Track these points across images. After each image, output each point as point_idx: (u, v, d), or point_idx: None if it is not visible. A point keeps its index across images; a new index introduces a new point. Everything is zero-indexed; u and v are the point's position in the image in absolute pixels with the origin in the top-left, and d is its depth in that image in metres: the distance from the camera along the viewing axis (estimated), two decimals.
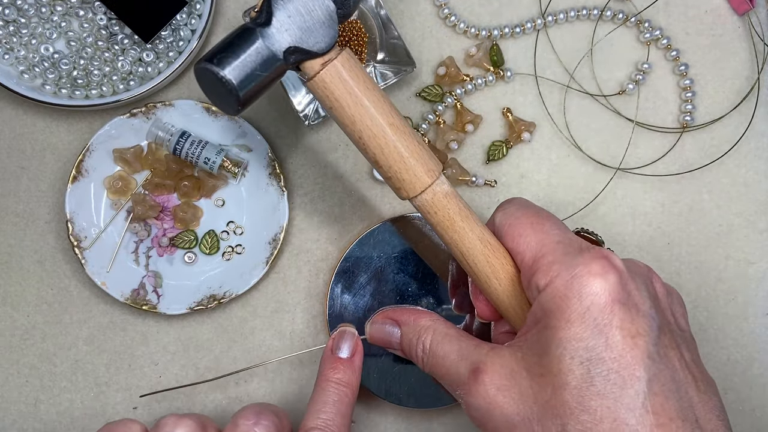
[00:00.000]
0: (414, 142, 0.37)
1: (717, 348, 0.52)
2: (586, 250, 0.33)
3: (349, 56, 0.36)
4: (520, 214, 0.36)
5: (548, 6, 0.53)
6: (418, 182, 0.37)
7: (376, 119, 0.36)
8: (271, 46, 0.35)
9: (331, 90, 0.35)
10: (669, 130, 0.53)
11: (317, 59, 0.35)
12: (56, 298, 0.51)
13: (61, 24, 0.51)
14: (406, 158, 0.36)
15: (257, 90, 0.35)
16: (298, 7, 0.35)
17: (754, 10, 0.53)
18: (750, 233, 0.52)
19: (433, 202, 0.37)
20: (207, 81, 0.35)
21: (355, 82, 0.36)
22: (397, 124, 0.36)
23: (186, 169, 0.51)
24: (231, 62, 0.34)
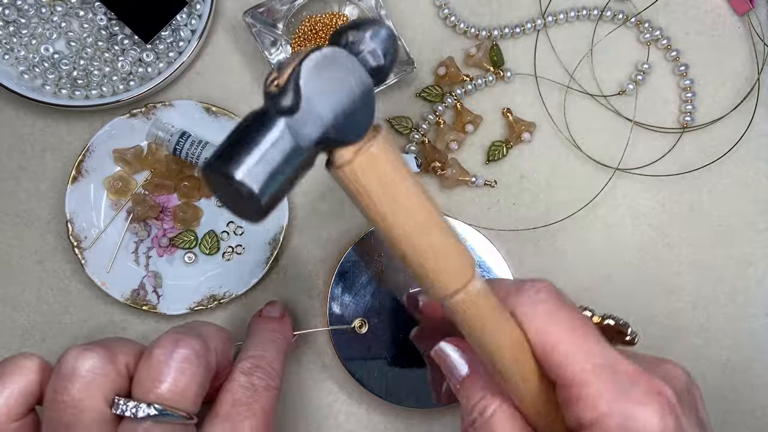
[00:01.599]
0: (449, 238, 0.32)
1: (717, 348, 0.52)
2: (636, 381, 0.31)
3: (385, 142, 0.30)
4: (553, 319, 0.33)
5: (548, 6, 0.53)
6: (451, 283, 0.32)
7: (411, 215, 0.30)
8: (298, 139, 0.27)
9: (362, 183, 0.29)
10: (669, 131, 0.53)
11: (350, 146, 0.29)
12: (56, 298, 0.51)
13: (61, 24, 0.51)
14: (440, 257, 0.31)
15: (282, 192, 0.28)
16: (333, 85, 0.28)
17: (754, 11, 0.53)
18: (750, 233, 0.52)
19: (465, 302, 0.32)
20: (219, 184, 0.27)
21: (391, 173, 0.29)
22: (433, 218, 0.31)
23: (186, 169, 0.51)
24: (246, 162, 0.26)
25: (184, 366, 0.34)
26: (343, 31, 0.29)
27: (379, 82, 0.29)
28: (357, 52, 0.28)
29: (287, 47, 0.50)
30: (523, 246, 0.52)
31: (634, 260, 0.52)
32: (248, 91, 0.52)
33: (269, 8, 0.50)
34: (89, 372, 0.33)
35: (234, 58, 0.52)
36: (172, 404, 0.33)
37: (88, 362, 0.33)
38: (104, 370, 0.33)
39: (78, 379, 0.33)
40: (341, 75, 0.27)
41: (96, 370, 0.33)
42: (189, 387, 0.34)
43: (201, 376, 0.34)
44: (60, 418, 0.33)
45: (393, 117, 0.52)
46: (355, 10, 0.50)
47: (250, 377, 0.37)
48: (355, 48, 0.28)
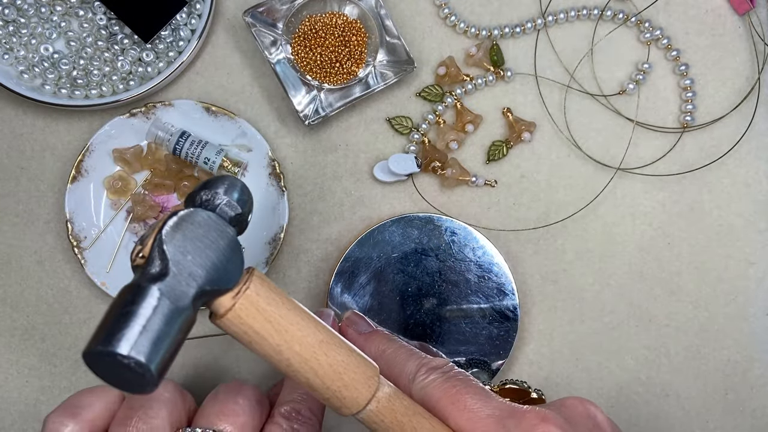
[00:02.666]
0: (348, 351, 0.33)
1: (717, 348, 0.52)
2: (522, 416, 0.33)
3: (260, 279, 0.31)
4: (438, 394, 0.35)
5: (548, 6, 0.53)
6: (360, 395, 0.33)
7: (305, 341, 0.31)
8: (175, 301, 0.28)
9: (249, 324, 0.30)
10: (669, 130, 0.53)
11: (228, 294, 0.30)
12: (56, 298, 0.51)
13: (60, 24, 0.51)
14: (344, 374, 0.32)
15: (170, 355, 0.28)
16: (198, 243, 0.28)
17: (755, 10, 0.53)
18: (750, 233, 0.52)
19: (378, 411, 0.33)
20: (105, 367, 0.27)
21: (274, 306, 0.31)
22: (327, 339, 0.32)
23: (186, 169, 0.51)
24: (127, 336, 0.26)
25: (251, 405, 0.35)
26: (195, 193, 0.30)
27: (240, 230, 0.30)
28: (213, 208, 0.30)
29: (287, 47, 0.50)
30: (523, 246, 0.52)
31: (634, 260, 0.52)
32: (248, 90, 0.52)
33: (269, 8, 0.50)
34: (165, 398, 0.33)
35: (234, 58, 0.52)
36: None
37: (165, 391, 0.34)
38: (176, 401, 0.34)
39: (156, 402, 0.33)
40: (202, 232, 0.29)
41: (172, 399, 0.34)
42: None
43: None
44: None
45: (393, 117, 0.52)
46: (355, 9, 0.50)
47: (290, 423, 0.36)
48: (211, 204, 0.30)
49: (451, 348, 0.49)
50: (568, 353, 0.52)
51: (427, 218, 0.50)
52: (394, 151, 0.52)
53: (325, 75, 0.50)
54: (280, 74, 0.50)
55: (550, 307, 0.52)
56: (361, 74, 0.50)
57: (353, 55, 0.50)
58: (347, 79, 0.50)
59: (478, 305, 0.50)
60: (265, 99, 0.52)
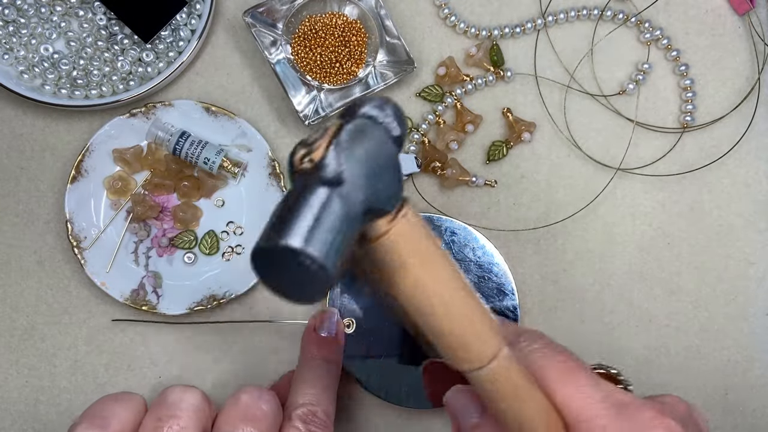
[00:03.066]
0: (480, 305, 0.32)
1: (717, 348, 0.52)
2: (637, 409, 0.32)
3: (413, 211, 0.30)
4: (546, 364, 0.33)
5: (548, 6, 0.53)
6: (487, 350, 0.31)
7: (446, 279, 0.30)
8: (349, 209, 0.26)
9: (399, 252, 0.29)
10: (669, 130, 0.53)
11: (384, 218, 0.28)
12: (56, 298, 0.51)
13: (60, 24, 0.51)
14: (476, 323, 0.31)
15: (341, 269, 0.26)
16: (371, 156, 0.27)
17: (755, 10, 0.53)
18: (750, 233, 0.52)
19: (498, 371, 0.32)
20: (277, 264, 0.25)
21: (424, 239, 0.30)
22: (464, 284, 0.31)
23: (186, 169, 0.51)
24: (314, 237, 0.25)
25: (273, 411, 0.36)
26: (357, 106, 0.28)
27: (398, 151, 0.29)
28: (380, 123, 0.28)
29: (287, 47, 0.50)
30: (524, 246, 0.52)
31: (634, 260, 0.52)
32: (248, 91, 0.52)
33: (269, 8, 0.50)
34: (193, 405, 0.34)
35: (234, 58, 0.52)
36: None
37: (193, 398, 0.35)
38: (203, 407, 0.35)
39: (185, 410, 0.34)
40: (374, 145, 0.27)
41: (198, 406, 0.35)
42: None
43: None
44: None
45: None
46: (355, 10, 0.50)
47: (308, 426, 0.37)
48: (378, 120, 0.28)
49: None
50: None
51: (427, 218, 0.50)
52: None
53: (325, 75, 0.50)
54: (280, 74, 0.50)
55: (551, 307, 0.52)
56: (361, 74, 0.50)
57: (353, 56, 0.50)
58: (347, 80, 0.50)
59: None
60: (265, 99, 0.52)
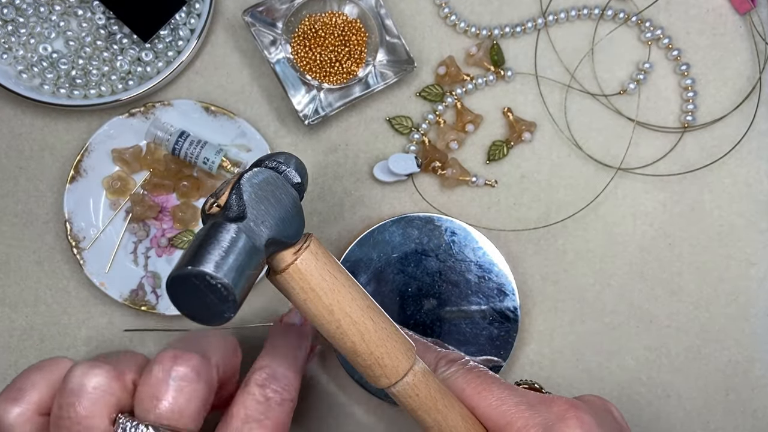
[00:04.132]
0: (389, 323, 0.35)
1: (718, 348, 0.52)
2: (551, 402, 0.34)
3: (317, 242, 0.34)
4: (462, 384, 0.36)
5: (549, 5, 0.53)
6: (400, 365, 0.34)
7: (355, 304, 0.33)
8: (254, 239, 0.30)
9: (307, 280, 0.32)
10: (670, 130, 0.53)
11: (289, 249, 0.33)
12: (55, 298, 0.51)
13: (59, 23, 0.51)
14: (387, 341, 0.34)
15: (247, 291, 0.31)
16: (269, 197, 0.32)
17: (756, 10, 0.53)
18: (751, 233, 0.52)
19: (415, 384, 0.35)
20: (190, 290, 0.29)
21: (329, 267, 0.33)
22: (372, 306, 0.34)
23: (185, 169, 0.51)
24: (222, 263, 0.29)
25: (182, 384, 0.33)
26: (260, 161, 0.34)
27: (300, 193, 0.34)
28: (280, 172, 0.33)
29: (287, 46, 0.50)
30: (524, 246, 0.52)
31: (635, 260, 0.52)
32: (247, 90, 0.52)
33: (268, 7, 0.49)
34: (95, 389, 0.33)
35: (233, 58, 0.52)
36: (171, 423, 0.33)
37: (95, 379, 0.33)
38: (110, 387, 0.33)
39: (84, 396, 0.32)
40: (272, 188, 0.32)
41: (102, 388, 0.33)
42: (189, 405, 0.33)
43: (202, 393, 0.34)
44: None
45: (393, 117, 0.52)
46: (355, 9, 0.50)
47: (263, 390, 0.36)
48: (279, 170, 0.33)
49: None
50: (568, 354, 0.52)
51: (427, 218, 0.50)
52: (394, 151, 0.52)
53: (325, 75, 0.50)
54: (280, 74, 0.50)
55: (551, 307, 0.52)
56: (361, 74, 0.50)
57: (353, 55, 0.50)
58: (347, 79, 0.50)
59: (478, 306, 0.50)
60: (265, 99, 0.52)
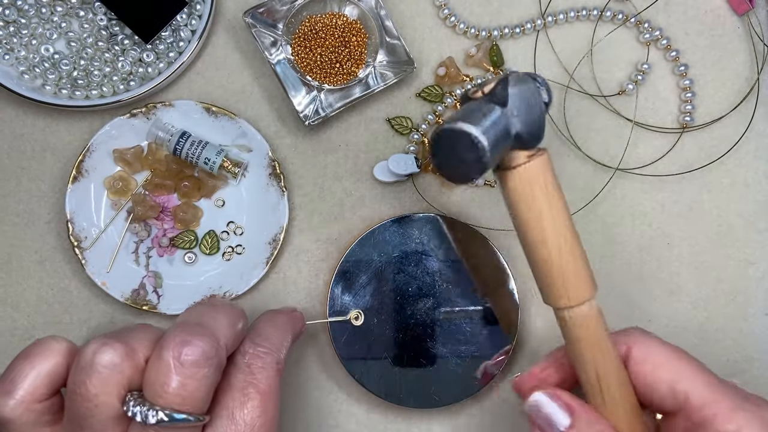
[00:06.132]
0: (584, 251, 0.36)
1: (717, 348, 0.52)
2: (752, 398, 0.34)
3: (549, 157, 0.36)
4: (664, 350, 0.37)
5: (548, 6, 0.53)
6: (583, 291, 0.36)
7: (563, 219, 0.35)
8: (509, 125, 0.34)
9: (530, 181, 0.35)
10: (669, 130, 0.53)
11: (525, 151, 0.35)
12: (56, 298, 0.51)
13: (61, 24, 0.51)
14: (579, 262, 0.36)
15: (495, 160, 0.34)
16: (527, 97, 0.34)
17: (754, 11, 0.53)
18: (750, 233, 0.52)
19: (590, 315, 0.36)
20: (453, 144, 0.33)
21: (552, 179, 0.35)
22: (574, 229, 0.36)
23: (186, 169, 0.51)
24: (487, 131, 0.33)
25: (193, 370, 0.33)
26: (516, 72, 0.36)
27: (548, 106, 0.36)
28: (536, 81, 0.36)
29: (287, 47, 0.50)
30: None
31: (633, 260, 0.52)
32: (248, 91, 0.52)
33: (269, 8, 0.50)
34: (106, 367, 0.33)
35: (234, 59, 0.52)
36: (181, 408, 0.33)
37: (106, 357, 0.33)
38: (121, 366, 0.33)
39: (95, 373, 0.33)
40: (530, 93, 0.35)
41: (113, 366, 0.33)
42: (198, 390, 0.33)
43: (211, 378, 0.34)
44: (77, 410, 0.33)
45: (393, 117, 0.52)
46: (355, 10, 0.50)
47: (244, 357, 0.37)
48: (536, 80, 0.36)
49: (451, 348, 0.49)
50: None
51: (427, 218, 0.50)
52: (394, 151, 0.52)
53: (325, 75, 0.50)
54: (280, 75, 0.50)
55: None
56: (361, 75, 0.50)
57: (353, 56, 0.50)
58: (347, 80, 0.50)
59: (478, 306, 0.50)
60: (266, 99, 0.52)
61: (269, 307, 0.51)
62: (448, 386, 0.49)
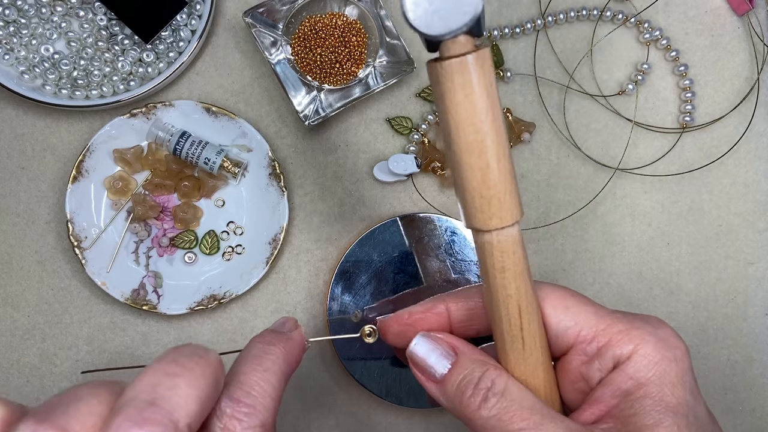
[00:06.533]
0: (513, 172, 0.33)
1: (717, 348, 0.52)
2: (641, 317, 0.33)
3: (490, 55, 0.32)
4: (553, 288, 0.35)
5: (548, 6, 0.53)
6: (514, 211, 0.32)
7: (498, 126, 0.31)
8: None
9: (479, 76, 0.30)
10: (669, 131, 0.53)
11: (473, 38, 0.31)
12: (57, 298, 0.51)
13: (61, 24, 0.51)
14: (513, 180, 0.32)
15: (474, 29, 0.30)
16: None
17: (754, 11, 0.53)
18: (749, 233, 0.52)
19: (517, 240, 0.32)
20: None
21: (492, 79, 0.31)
22: (507, 146, 0.32)
23: (186, 169, 0.51)
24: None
25: None
26: None
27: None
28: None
29: (287, 47, 0.50)
30: None
31: (633, 260, 0.52)
32: (248, 91, 0.52)
33: (269, 9, 0.50)
34: None
35: (234, 59, 0.52)
36: None
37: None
38: None
39: None
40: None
41: None
42: None
43: None
44: None
45: (393, 117, 0.52)
46: (355, 10, 0.50)
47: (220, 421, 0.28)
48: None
49: None
50: None
51: (427, 218, 0.50)
52: (394, 151, 0.52)
53: (325, 75, 0.50)
54: (280, 75, 0.50)
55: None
56: (361, 75, 0.50)
57: (353, 56, 0.50)
58: (347, 80, 0.50)
59: None
60: (266, 99, 0.52)
61: (269, 307, 0.51)
62: None
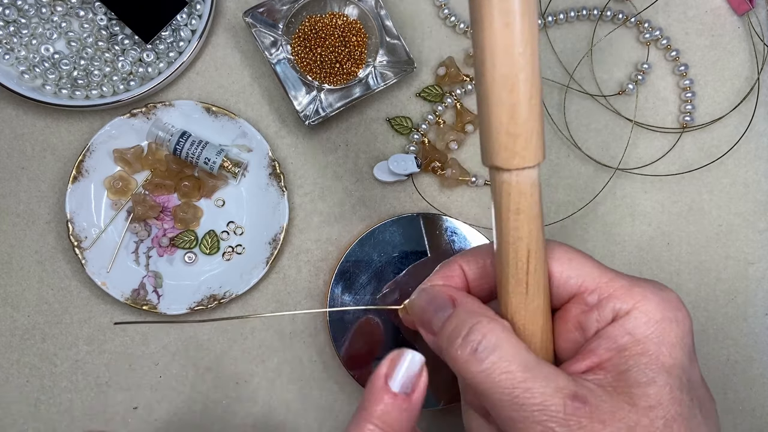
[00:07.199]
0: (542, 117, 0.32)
1: (717, 348, 0.52)
2: (646, 279, 0.33)
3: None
4: (560, 244, 0.35)
5: (548, 6, 0.53)
6: (539, 152, 0.31)
7: (537, 55, 0.30)
8: None
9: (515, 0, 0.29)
10: (669, 130, 0.53)
11: None
12: (56, 298, 0.51)
13: (61, 24, 0.51)
14: (541, 121, 0.31)
15: None
16: None
17: (754, 11, 0.53)
18: (750, 233, 0.52)
19: (536, 183, 0.32)
20: None
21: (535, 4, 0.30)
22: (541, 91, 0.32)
23: (186, 169, 0.51)
24: None
25: None
26: None
27: None
28: None
29: (287, 47, 0.50)
30: None
31: (633, 260, 0.52)
32: (248, 91, 0.52)
33: (269, 8, 0.50)
34: None
35: (234, 59, 0.52)
36: None
37: None
38: None
39: None
40: None
41: None
42: None
43: None
44: None
45: (393, 117, 0.52)
46: (355, 10, 0.50)
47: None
48: None
49: None
50: None
51: (427, 218, 0.50)
52: (394, 151, 0.52)
53: (326, 75, 0.50)
54: (281, 74, 0.50)
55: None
56: (362, 75, 0.50)
57: (353, 56, 0.50)
58: (347, 80, 0.50)
59: None
60: (266, 99, 0.52)
61: (269, 307, 0.51)
62: (449, 386, 0.49)
